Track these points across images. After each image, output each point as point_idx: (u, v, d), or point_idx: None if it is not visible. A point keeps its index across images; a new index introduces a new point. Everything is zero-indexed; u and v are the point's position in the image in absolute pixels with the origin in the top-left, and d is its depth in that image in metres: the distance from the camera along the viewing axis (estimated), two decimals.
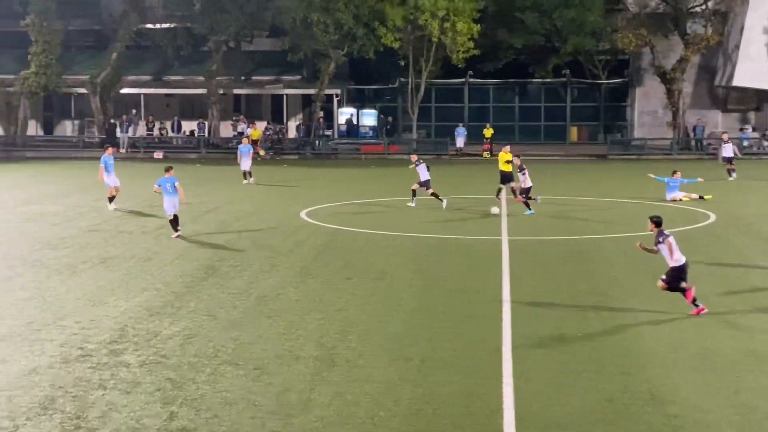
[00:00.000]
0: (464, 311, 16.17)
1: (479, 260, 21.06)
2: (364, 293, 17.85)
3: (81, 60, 59.38)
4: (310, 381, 12.49)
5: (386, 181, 39.96)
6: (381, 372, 12.89)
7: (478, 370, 13.01)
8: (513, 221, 27.01)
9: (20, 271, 19.81)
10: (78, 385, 12.21)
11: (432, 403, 11.68)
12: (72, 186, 37.29)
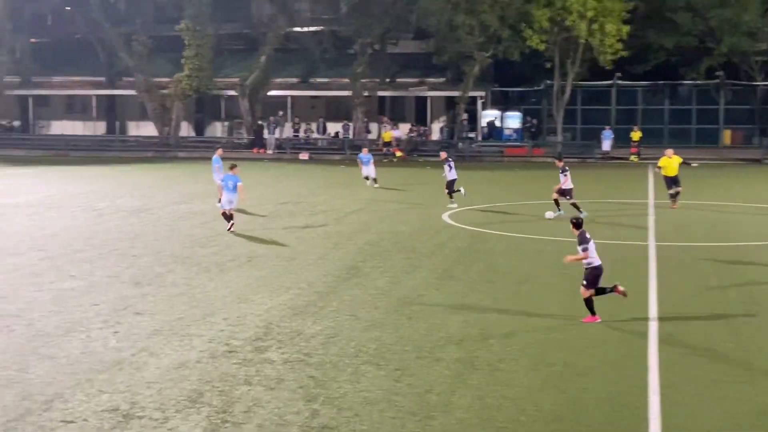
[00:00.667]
0: (609, 317, 15.83)
1: (625, 265, 20.59)
2: (506, 297, 17.70)
3: (231, 63, 60.91)
4: (450, 383, 12.44)
5: (529, 184, 39.57)
6: (522, 376, 12.74)
7: (623, 377, 12.72)
8: (661, 226, 26.34)
9: (171, 267, 20.42)
10: (224, 380, 12.49)
11: (574, 410, 11.47)
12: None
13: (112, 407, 11.44)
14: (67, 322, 15.49)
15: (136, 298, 17.40)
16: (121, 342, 14.34)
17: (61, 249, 22.63)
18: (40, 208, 30.37)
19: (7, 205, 31.05)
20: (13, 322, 15.50)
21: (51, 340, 14.42)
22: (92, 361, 13.34)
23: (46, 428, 10.77)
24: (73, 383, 12.31)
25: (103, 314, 16.08)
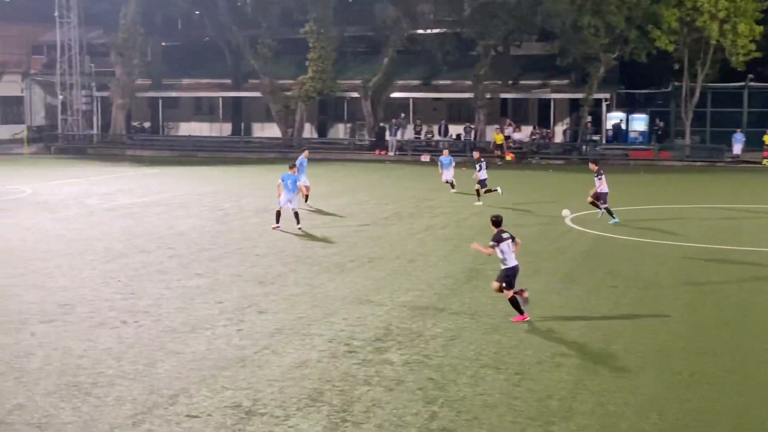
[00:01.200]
0: (738, 325, 15.35)
1: (755, 272, 19.94)
2: (629, 302, 17.35)
3: (354, 65, 61.40)
4: (571, 389, 12.26)
5: (655, 188, 38.72)
6: (646, 384, 12.46)
7: (752, 388, 12.31)
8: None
9: (293, 267, 20.68)
10: (344, 380, 12.58)
11: (700, 420, 11.16)
12: (342, 187, 38.60)
13: (235, 403, 11.64)
14: (192, 319, 15.85)
15: (259, 296, 17.68)
16: (244, 340, 14.59)
17: (187, 247, 23.19)
18: (168, 208, 31.19)
19: (138, 204, 31.98)
20: (142, 318, 15.94)
21: (177, 336, 14.77)
22: (216, 357, 13.61)
23: (172, 422, 11.02)
24: (198, 379, 12.58)
25: (227, 312, 16.40)
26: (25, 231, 25.78)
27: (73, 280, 19.09)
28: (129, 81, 62.37)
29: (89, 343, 14.27)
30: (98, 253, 22.32)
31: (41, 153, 60.40)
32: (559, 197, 33.64)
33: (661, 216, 29.05)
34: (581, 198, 30.30)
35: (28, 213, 29.62)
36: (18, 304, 16.93)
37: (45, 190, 36.58)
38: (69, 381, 12.44)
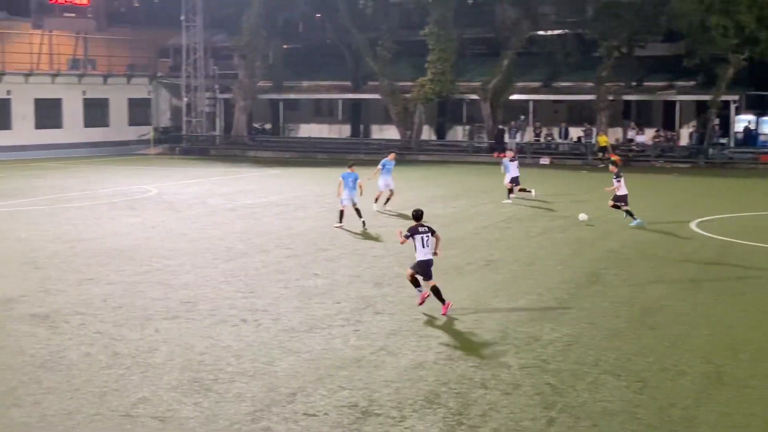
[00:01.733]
0: None
1: None
2: (758, 310, 16.79)
3: (473, 67, 61.16)
4: (695, 398, 11.91)
5: None
6: None
7: None
8: None
9: None
10: (461, 383, 12.49)
11: None
12: (460, 189, 38.47)
13: (352, 403, 11.68)
14: (310, 319, 15.98)
15: (376, 297, 17.73)
16: (361, 340, 14.64)
17: (306, 248, 23.43)
18: (287, 208, 31.60)
19: (258, 205, 32.50)
20: (261, 316, 16.16)
21: (295, 335, 14.91)
22: (333, 357, 13.68)
23: (290, 420, 11.12)
24: (315, 378, 12.67)
25: (345, 312, 16.49)
26: (150, 230, 26.46)
27: (195, 278, 19.49)
28: (251, 83, 63.49)
29: (210, 340, 14.54)
30: (219, 252, 22.74)
31: (166, 153, 62.00)
32: (684, 202, 32.83)
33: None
34: (710, 203, 29.55)
35: (153, 212, 30.40)
36: (143, 300, 17.37)
37: (170, 189, 37.50)
38: (191, 377, 12.68)
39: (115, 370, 12.95)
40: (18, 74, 59.09)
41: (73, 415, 11.21)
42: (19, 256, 22.03)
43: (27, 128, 59.83)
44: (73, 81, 62.39)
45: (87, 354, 13.75)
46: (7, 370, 12.94)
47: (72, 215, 29.42)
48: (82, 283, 18.87)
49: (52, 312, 16.36)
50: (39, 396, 11.87)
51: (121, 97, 65.45)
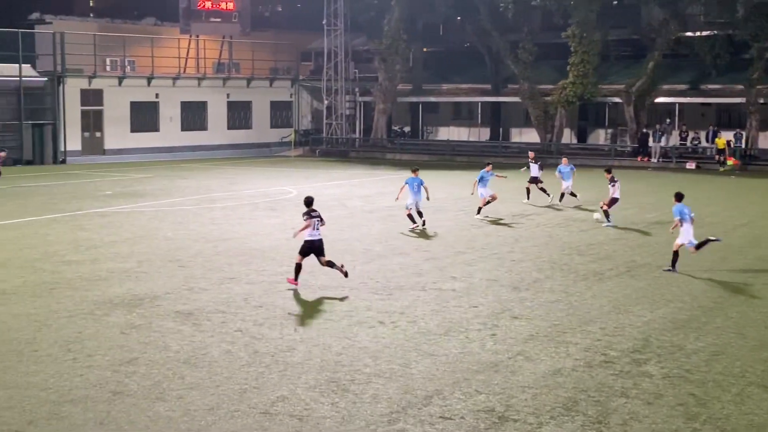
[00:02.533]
0: None
1: None
2: None
3: (617, 69, 60.03)
4: None
5: None
6: None
7: None
8: None
9: (549, 274, 20.41)
10: (600, 391, 12.24)
11: None
12: (600, 194, 37.70)
13: (488, 408, 11.57)
14: (447, 322, 15.94)
15: (514, 302, 17.56)
16: (498, 345, 14.51)
17: (443, 251, 23.40)
18: (425, 211, 31.55)
19: (397, 207, 32.61)
20: (398, 318, 16.20)
21: (432, 338, 14.89)
22: (470, 361, 13.60)
23: (426, 422, 11.09)
24: (452, 381, 12.62)
25: (482, 316, 16.38)
26: (290, 230, 26.81)
27: (333, 279, 19.68)
28: (391, 86, 63.91)
29: (347, 341, 14.65)
30: (358, 253, 22.92)
31: (307, 156, 62.98)
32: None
33: None
34: None
35: (293, 213, 30.85)
36: (283, 300, 17.65)
37: (309, 191, 38.00)
38: (328, 377, 12.80)
39: (255, 368, 13.18)
40: (166, 78, 61.01)
41: (215, 410, 11.46)
42: (165, 254, 22.70)
43: (174, 130, 61.74)
44: (217, 84, 64.06)
45: (228, 351, 14.05)
46: (153, 364, 13.32)
47: (215, 215, 30.17)
48: (224, 282, 19.31)
49: (196, 310, 16.79)
50: (182, 391, 12.18)
51: (264, 99, 66.85)
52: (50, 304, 17.13)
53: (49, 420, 11.08)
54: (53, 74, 55.41)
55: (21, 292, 18.23)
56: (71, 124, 56.13)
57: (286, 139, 66.16)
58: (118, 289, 18.56)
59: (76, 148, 56.46)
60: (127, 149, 58.60)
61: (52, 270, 20.54)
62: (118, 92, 58.68)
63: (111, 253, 22.78)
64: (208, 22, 63.67)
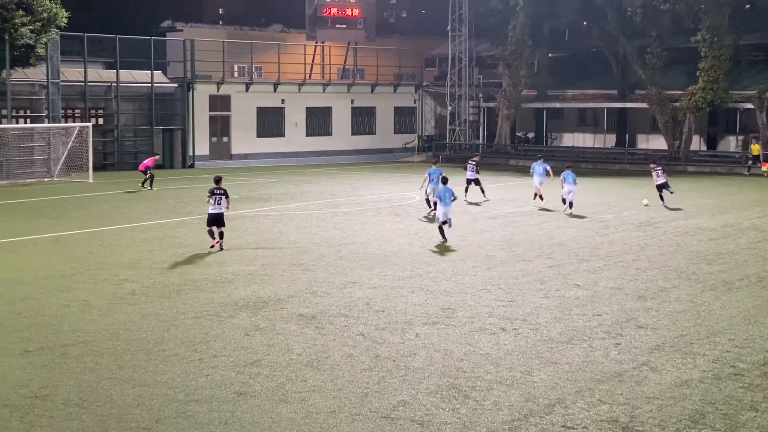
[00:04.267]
0: None
1: None
2: None
3: (749, 75, 58.27)
4: None
5: None
6: None
7: None
8: None
9: (676, 283, 19.94)
10: (728, 403, 11.87)
11: None
12: (730, 202, 36.72)
13: (611, 418, 11.35)
14: (569, 330, 15.72)
15: (639, 311, 17.20)
16: (622, 354, 14.23)
17: (567, 258, 23.10)
18: (548, 217, 31.29)
19: (519, 213, 32.40)
20: (520, 325, 16.05)
21: (554, 346, 14.71)
22: (593, 370, 13.37)
23: (547, 431, 10.95)
24: (574, 390, 12.43)
25: (606, 325, 16.10)
26: (412, 236, 26.95)
27: (455, 284, 19.65)
28: (515, 92, 63.52)
29: (469, 347, 14.59)
30: (480, 259, 22.83)
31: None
32: None
33: None
34: None
35: (415, 219, 30.97)
36: (404, 305, 17.69)
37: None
38: (449, 382, 12.76)
39: (377, 372, 13.24)
40: (292, 84, 62.00)
41: (336, 413, 11.55)
42: (289, 258, 23.03)
43: (299, 136, 62.68)
44: (342, 90, 64.75)
45: (350, 355, 14.15)
46: (276, 366, 13.52)
47: (339, 220, 30.47)
48: (346, 286, 19.47)
49: (318, 313, 16.97)
50: (305, 393, 12.31)
51: (388, 105, 67.28)
52: (177, 305, 17.57)
53: (176, 418, 11.35)
54: (183, 80, 56.93)
55: (150, 292, 18.75)
56: (200, 129, 57.56)
57: (410, 144, 66.39)
58: (243, 291, 18.91)
59: (204, 153, 57.85)
60: (253, 154, 59.75)
61: (180, 272, 21.07)
62: (245, 98, 59.89)
63: (236, 255, 23.24)
64: (334, 28, 64.44)
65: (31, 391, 12.29)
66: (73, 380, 12.81)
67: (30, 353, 14.19)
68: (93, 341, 14.91)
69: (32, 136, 46.84)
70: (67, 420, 11.24)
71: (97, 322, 16.24)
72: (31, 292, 18.79)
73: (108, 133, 54.40)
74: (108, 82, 53.97)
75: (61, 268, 21.44)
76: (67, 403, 11.85)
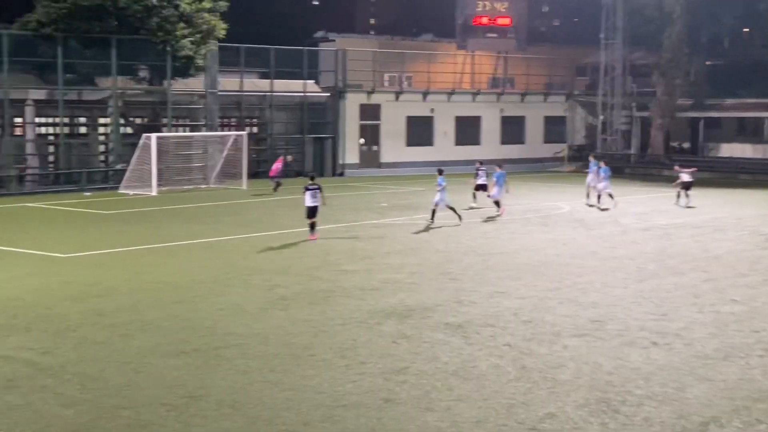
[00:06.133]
0: None
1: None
2: None
3: None
4: None
5: None
6: None
7: None
8: None
9: None
10: None
11: None
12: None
13: None
14: (725, 346, 15.21)
15: None
16: None
17: (723, 272, 22.37)
18: (704, 230, 30.37)
19: (672, 225, 31.55)
20: (673, 340, 15.62)
21: (709, 362, 14.25)
22: (750, 388, 12.90)
23: None
24: (730, 409, 12.01)
25: (765, 342, 15.52)
26: (561, 246, 26.60)
27: (604, 297, 19.29)
28: (670, 101, 61.94)
29: (618, 361, 14.28)
30: (630, 272, 22.34)
31: (580, 172, 62.00)
32: None
33: None
34: None
35: (565, 229, 30.56)
36: (552, 316, 17.46)
37: (581, 207, 37.51)
38: (598, 396, 12.52)
39: (523, 384, 13.10)
40: (441, 93, 62.14)
41: (482, 423, 11.48)
42: (436, 266, 23.06)
43: (447, 144, 62.70)
44: (491, 99, 64.50)
45: (496, 365, 14.05)
46: (423, 375, 13.54)
47: (486, 229, 30.34)
48: (493, 296, 19.36)
49: (465, 322, 16.92)
50: (450, 402, 12.28)
51: (538, 114, 66.65)
52: (326, 311, 17.81)
53: (323, 423, 11.49)
54: (334, 90, 57.78)
55: (300, 298, 19.07)
56: (350, 137, 58.29)
57: (559, 154, 65.58)
58: (391, 299, 19.02)
59: (354, 161, 58.53)
60: (402, 163, 60.09)
61: (329, 278, 21.37)
62: (395, 107, 60.33)
63: (384, 264, 23.41)
64: (484, 37, 64.30)
65: (187, 391, 12.67)
66: (226, 382, 13.14)
67: (186, 354, 14.63)
68: (245, 344, 15.27)
69: (190, 144, 48.39)
70: (220, 420, 11.53)
71: (249, 325, 16.63)
72: (187, 295, 19.39)
73: (261, 141, 55.67)
74: (263, 92, 55.27)
75: (215, 273, 22.05)
76: (220, 403, 12.16)
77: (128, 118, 50.12)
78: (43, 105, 46.18)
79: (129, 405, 12.10)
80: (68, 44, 45.10)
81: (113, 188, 44.85)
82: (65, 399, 12.35)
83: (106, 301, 18.65)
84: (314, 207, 27.40)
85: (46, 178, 46.38)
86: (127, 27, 44.86)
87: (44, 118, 47.29)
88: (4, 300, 18.76)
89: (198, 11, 47.17)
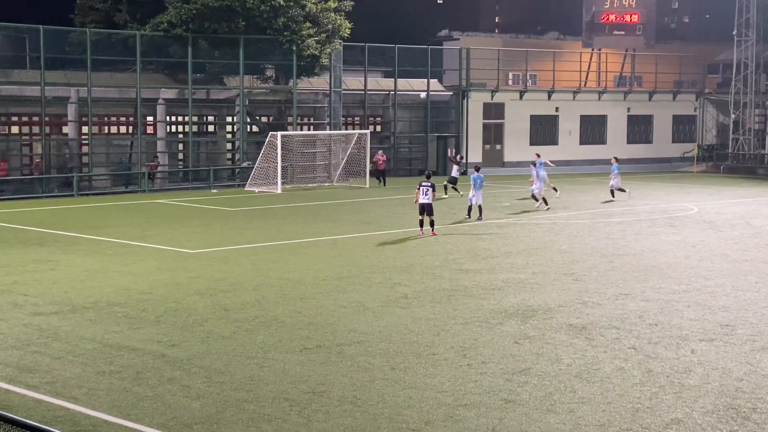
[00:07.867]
0: None
1: None
2: None
3: None
4: None
5: None
6: None
7: None
8: None
9: None
10: None
11: None
12: None
13: None
14: None
15: None
16: None
17: None
18: None
19: None
20: None
21: None
22: None
23: None
24: None
25: None
26: (689, 248, 25.95)
27: (735, 300, 18.73)
28: None
29: (749, 367, 13.83)
30: (763, 275, 21.64)
31: (710, 172, 60.54)
32: None
33: None
34: None
35: (693, 230, 29.81)
36: (679, 319, 17.04)
37: (711, 208, 36.55)
38: (727, 403, 12.15)
39: (649, 388, 12.81)
40: (566, 91, 61.41)
41: (605, 427, 11.27)
42: (560, 267, 22.77)
43: (572, 144, 61.96)
44: (618, 98, 63.45)
45: (621, 368, 13.78)
46: (545, 376, 13.37)
47: (611, 230, 29.82)
48: (618, 298, 19.00)
49: (589, 324, 16.65)
50: (573, 405, 12.10)
51: (666, 113, 65.27)
52: (448, 310, 17.78)
53: (445, 422, 11.46)
54: (458, 88, 57.68)
55: (421, 297, 19.08)
56: (473, 136, 58.11)
57: (689, 154, 64.04)
58: (513, 299, 18.87)
59: (477, 160, 58.36)
60: (526, 162, 59.58)
61: (451, 277, 21.32)
62: (519, 106, 59.91)
63: (507, 263, 23.24)
64: (611, 35, 63.28)
65: (309, 387, 12.81)
66: (347, 378, 13.23)
67: (309, 350, 14.80)
68: (367, 342, 15.35)
69: (314, 143, 49.03)
70: (341, 417, 11.62)
71: (371, 323, 16.72)
72: (310, 292, 19.62)
73: (384, 140, 55.99)
74: (386, 90, 55.57)
75: (338, 270, 22.25)
76: (342, 400, 12.26)
77: (254, 117, 51.09)
78: (173, 104, 47.50)
79: (253, 399, 12.31)
80: (197, 44, 46.27)
81: (240, 186, 45.79)
82: (192, 391, 12.63)
83: (231, 297, 19.03)
84: (426, 204, 28.21)
85: (176, 176, 47.69)
86: (254, 27, 45.73)
87: (174, 116, 48.63)
88: (135, 293, 19.33)
89: (323, 11, 47.75)
